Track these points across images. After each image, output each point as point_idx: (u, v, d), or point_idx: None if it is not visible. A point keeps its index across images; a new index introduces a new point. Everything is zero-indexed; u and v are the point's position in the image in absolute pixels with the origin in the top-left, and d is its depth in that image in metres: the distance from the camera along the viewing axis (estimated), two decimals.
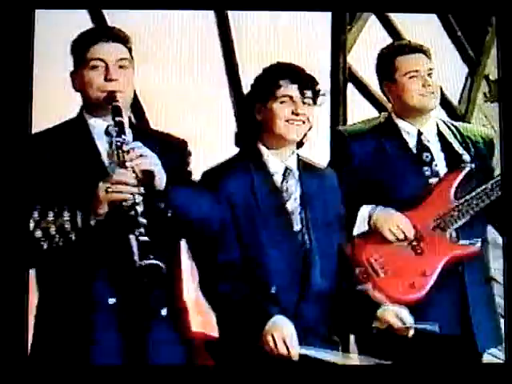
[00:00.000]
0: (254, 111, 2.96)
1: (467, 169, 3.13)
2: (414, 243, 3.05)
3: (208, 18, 3.36)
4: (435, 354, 3.09)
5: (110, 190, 2.64)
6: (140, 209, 2.63)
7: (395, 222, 3.07)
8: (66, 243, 2.61)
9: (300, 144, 2.94)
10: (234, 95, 3.35)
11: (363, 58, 3.46)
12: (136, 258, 2.68)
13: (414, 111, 3.18)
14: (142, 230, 2.62)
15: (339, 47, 3.49)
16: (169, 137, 2.88)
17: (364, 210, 3.09)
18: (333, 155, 3.15)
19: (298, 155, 2.97)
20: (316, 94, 2.96)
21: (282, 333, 2.74)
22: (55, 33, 3.10)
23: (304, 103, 2.92)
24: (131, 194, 2.61)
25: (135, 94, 2.93)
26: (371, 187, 3.08)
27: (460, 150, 3.16)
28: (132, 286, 2.70)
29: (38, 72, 3.04)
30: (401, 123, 3.18)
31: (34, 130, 2.90)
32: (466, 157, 3.15)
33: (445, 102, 3.57)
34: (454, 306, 3.03)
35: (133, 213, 2.64)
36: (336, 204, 3.00)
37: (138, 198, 2.64)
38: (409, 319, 2.88)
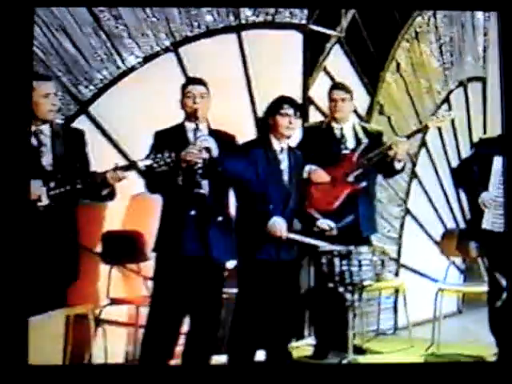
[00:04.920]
0: (268, 119, 4.47)
1: (362, 146, 4.96)
2: (333, 183, 4.93)
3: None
4: None
5: (189, 153, 4.20)
6: (200, 165, 4.21)
7: (319, 174, 4.95)
8: (169, 168, 4.13)
9: (289, 137, 4.50)
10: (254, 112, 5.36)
11: (319, 92, 5.46)
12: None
13: (336, 118, 5.02)
14: (199, 172, 4.25)
15: (306, 86, 5.58)
16: (226, 134, 4.46)
17: (307, 167, 4.82)
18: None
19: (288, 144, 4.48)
20: (302, 114, 4.51)
21: (280, 223, 4.34)
22: None
23: (296, 118, 4.43)
24: (197, 157, 4.22)
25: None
26: (318, 152, 4.90)
27: (362, 137, 5.01)
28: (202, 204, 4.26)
29: None
30: (333, 123, 5.04)
31: None
32: (365, 141, 4.99)
33: (357, 114, 5.67)
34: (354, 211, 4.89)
35: (196, 167, 4.20)
36: (301, 170, 4.61)
37: (200, 160, 4.24)
38: (333, 224, 4.57)
